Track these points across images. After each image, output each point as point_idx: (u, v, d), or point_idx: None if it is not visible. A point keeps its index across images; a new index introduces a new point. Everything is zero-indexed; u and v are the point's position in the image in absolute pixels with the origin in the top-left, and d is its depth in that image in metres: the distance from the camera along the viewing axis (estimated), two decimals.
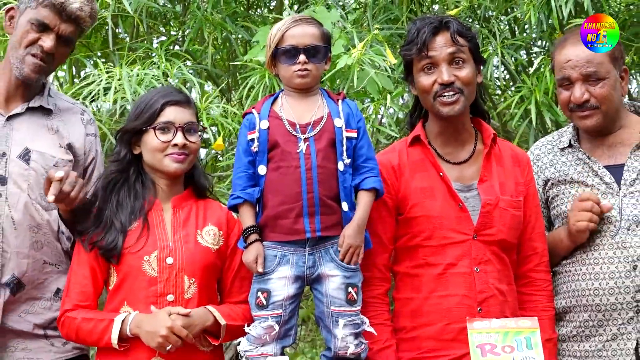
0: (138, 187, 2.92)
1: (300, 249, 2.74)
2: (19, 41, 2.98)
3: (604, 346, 2.93)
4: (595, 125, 2.99)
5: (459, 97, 2.88)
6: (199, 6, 4.20)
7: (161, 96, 2.93)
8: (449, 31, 2.88)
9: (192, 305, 2.83)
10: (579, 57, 2.97)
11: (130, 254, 2.84)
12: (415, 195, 2.92)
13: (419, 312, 2.90)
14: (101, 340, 2.78)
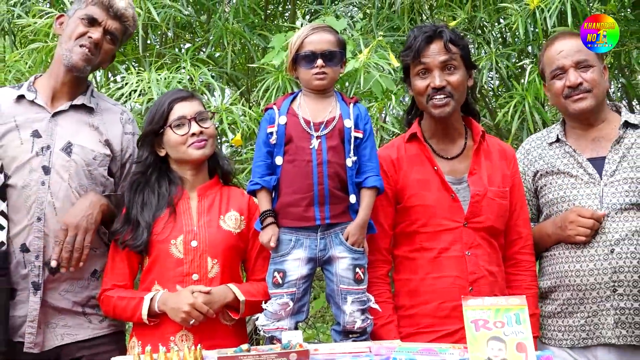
0: (163, 185, 2.94)
1: (312, 233, 2.76)
2: (69, 35, 3.02)
3: (585, 322, 2.94)
4: (588, 106, 3.00)
5: (449, 101, 2.90)
6: (220, 17, 4.21)
7: (167, 97, 2.96)
8: (442, 40, 2.89)
9: (215, 283, 2.86)
10: (569, 47, 3.00)
11: (159, 240, 2.87)
12: (412, 187, 2.93)
13: (416, 291, 2.92)
14: (134, 316, 2.82)
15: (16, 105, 3.04)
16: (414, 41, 2.90)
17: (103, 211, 2.95)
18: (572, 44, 3.01)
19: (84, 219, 2.87)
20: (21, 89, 3.08)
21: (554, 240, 3.02)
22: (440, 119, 2.94)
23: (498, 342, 2.37)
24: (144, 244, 2.85)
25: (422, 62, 2.90)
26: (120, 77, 3.75)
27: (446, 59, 2.89)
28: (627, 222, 2.93)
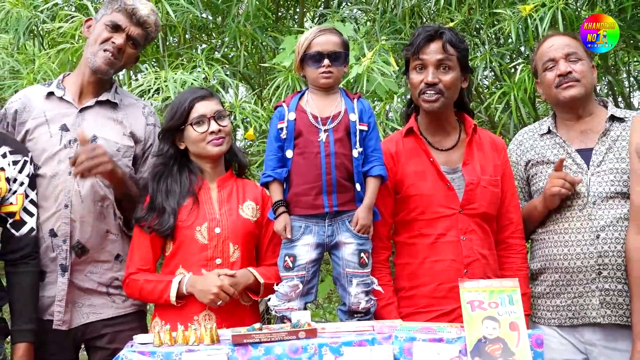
0: (184, 175, 2.94)
1: (321, 221, 2.76)
2: (94, 39, 3.02)
3: (572, 302, 2.94)
4: (577, 94, 2.99)
5: (438, 97, 2.90)
6: (234, 19, 4.20)
7: (188, 96, 2.95)
8: (442, 40, 2.88)
9: (236, 267, 2.87)
10: (560, 42, 3.01)
11: (184, 227, 2.87)
12: (410, 177, 2.94)
13: (415, 274, 2.93)
14: (161, 298, 2.83)
15: (46, 101, 3.05)
16: (416, 38, 2.91)
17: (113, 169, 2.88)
18: (563, 40, 3.02)
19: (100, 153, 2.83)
20: (51, 86, 3.09)
21: (541, 212, 3.02)
22: (430, 112, 2.95)
23: (492, 321, 2.38)
24: (171, 228, 2.86)
25: (420, 58, 2.90)
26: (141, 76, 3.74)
27: (442, 59, 2.88)
28: (612, 209, 2.92)
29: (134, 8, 3.00)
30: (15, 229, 2.85)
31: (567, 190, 2.91)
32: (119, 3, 3.01)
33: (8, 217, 2.84)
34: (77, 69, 3.16)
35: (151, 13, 3.06)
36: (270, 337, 2.43)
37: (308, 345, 2.40)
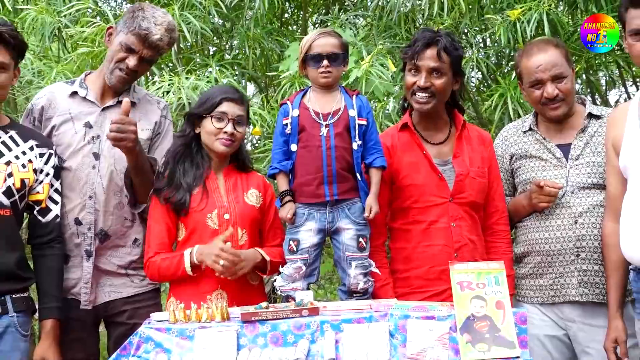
0: (199, 158, 2.94)
1: (322, 208, 2.76)
2: (111, 57, 3.01)
3: (553, 282, 2.95)
4: (562, 113, 2.99)
5: (429, 99, 2.90)
6: (243, 24, 4.19)
7: (221, 92, 2.93)
8: (438, 47, 2.86)
9: (244, 249, 2.87)
10: (546, 62, 2.94)
11: (196, 212, 2.87)
12: (405, 169, 2.94)
13: (409, 258, 2.93)
14: (178, 271, 2.81)
15: (70, 99, 3.05)
16: (414, 44, 2.90)
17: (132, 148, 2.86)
18: (549, 59, 2.95)
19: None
20: (74, 85, 3.09)
21: (528, 210, 3.01)
22: (421, 112, 2.95)
23: (480, 300, 2.39)
24: (185, 200, 2.85)
25: (415, 64, 2.89)
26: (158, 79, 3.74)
27: (435, 66, 2.87)
28: (589, 198, 2.93)
29: (147, 33, 2.94)
30: (42, 215, 2.85)
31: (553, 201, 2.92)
32: (135, 25, 2.94)
33: (35, 205, 2.83)
34: (99, 70, 3.14)
35: (164, 35, 2.98)
36: (276, 314, 2.44)
37: (311, 323, 2.41)
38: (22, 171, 2.75)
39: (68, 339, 2.89)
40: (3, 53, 2.67)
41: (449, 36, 2.94)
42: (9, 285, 2.67)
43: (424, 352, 2.31)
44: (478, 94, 4.53)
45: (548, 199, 2.90)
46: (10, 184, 2.70)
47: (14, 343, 2.68)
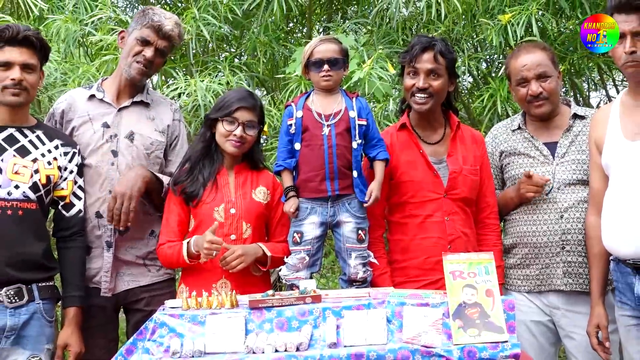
0: (215, 157, 2.94)
1: (324, 203, 2.76)
2: (128, 52, 3.01)
3: (539, 272, 2.94)
4: (546, 111, 2.99)
5: (428, 100, 2.89)
6: (253, 31, 4.18)
7: (236, 100, 2.89)
8: (434, 51, 2.86)
9: (248, 242, 2.87)
10: (532, 61, 2.95)
11: (205, 205, 2.87)
12: (403, 166, 2.93)
13: (406, 249, 2.93)
14: (179, 258, 2.82)
15: (88, 102, 3.06)
16: (412, 48, 2.89)
17: (146, 182, 2.91)
18: (534, 59, 2.95)
19: (129, 189, 2.84)
20: (92, 89, 3.09)
21: (516, 202, 3.00)
22: (420, 113, 2.94)
23: (471, 288, 2.38)
24: (199, 192, 2.85)
25: (414, 67, 2.88)
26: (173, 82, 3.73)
27: (432, 68, 2.86)
28: (574, 193, 2.92)
29: (160, 24, 2.97)
30: (66, 210, 2.85)
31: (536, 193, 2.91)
32: (147, 19, 2.98)
33: (60, 200, 2.84)
34: (114, 74, 3.15)
35: (175, 26, 3.03)
36: (282, 302, 2.43)
37: (313, 309, 2.40)
38: (47, 168, 2.75)
39: (90, 325, 2.90)
40: (31, 55, 2.68)
41: (443, 41, 2.93)
42: (36, 274, 2.68)
43: (418, 336, 2.30)
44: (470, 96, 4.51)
45: (535, 189, 2.89)
46: (36, 180, 2.71)
47: (40, 328, 2.69)
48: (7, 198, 2.64)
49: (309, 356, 2.25)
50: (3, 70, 2.64)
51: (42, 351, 2.70)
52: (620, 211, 2.54)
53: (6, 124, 2.73)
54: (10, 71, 2.64)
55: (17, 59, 2.64)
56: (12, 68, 2.64)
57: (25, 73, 2.66)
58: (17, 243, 2.62)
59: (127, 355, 2.40)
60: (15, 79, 2.63)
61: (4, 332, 2.60)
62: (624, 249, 2.53)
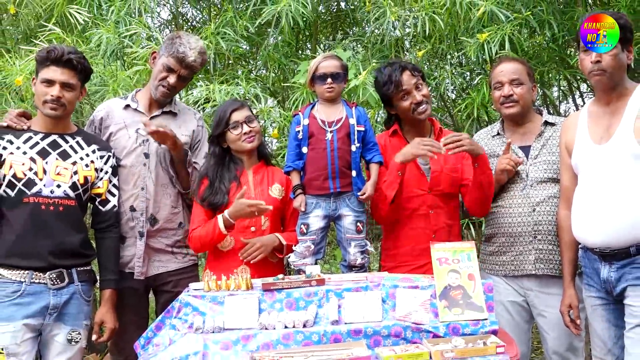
0: (231, 166, 2.91)
1: (327, 199, 2.73)
2: (155, 76, 3.00)
3: (514, 258, 2.92)
4: (514, 112, 2.95)
5: (427, 107, 2.89)
6: (265, 48, 4.16)
7: (226, 108, 2.90)
8: (408, 69, 2.87)
9: (266, 233, 2.86)
10: (508, 69, 2.94)
11: (230, 202, 2.82)
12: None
13: (397, 238, 2.91)
14: (215, 233, 2.76)
15: (124, 111, 3.05)
16: (390, 77, 2.86)
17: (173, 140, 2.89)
18: (510, 67, 2.94)
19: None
20: (127, 100, 3.08)
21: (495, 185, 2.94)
22: (422, 121, 2.93)
23: (455, 273, 2.37)
24: (224, 202, 2.82)
25: (402, 89, 2.86)
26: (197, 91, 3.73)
27: (416, 82, 2.87)
28: (545, 190, 2.89)
29: (184, 56, 2.94)
30: (102, 205, 2.84)
31: (512, 167, 2.87)
32: (173, 49, 2.95)
33: (96, 197, 2.83)
34: (147, 87, 3.13)
35: (197, 57, 2.97)
36: (290, 284, 2.42)
37: (318, 291, 2.39)
38: (85, 170, 2.74)
39: (124, 304, 2.90)
40: (71, 75, 2.67)
41: (405, 62, 2.95)
42: (75, 260, 2.67)
43: (409, 314, 2.29)
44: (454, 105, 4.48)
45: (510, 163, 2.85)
46: (75, 180, 2.70)
47: (79, 306, 2.68)
48: (50, 196, 2.63)
49: (314, 332, 2.24)
50: (46, 86, 2.64)
51: (81, 326, 2.70)
52: (588, 206, 2.51)
53: (50, 131, 2.73)
54: (51, 88, 2.63)
55: (58, 77, 2.63)
56: (53, 85, 2.63)
57: (65, 91, 2.65)
58: (58, 234, 2.62)
59: (157, 331, 2.40)
60: (54, 95, 2.63)
61: (47, 309, 2.60)
62: (592, 239, 2.50)
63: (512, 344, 2.19)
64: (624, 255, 2.42)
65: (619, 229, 2.40)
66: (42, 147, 2.68)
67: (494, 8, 3.41)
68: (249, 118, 2.89)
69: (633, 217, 2.38)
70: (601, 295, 2.55)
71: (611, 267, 2.47)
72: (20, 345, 2.53)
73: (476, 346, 2.13)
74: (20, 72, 3.63)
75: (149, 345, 2.36)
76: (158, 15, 4.85)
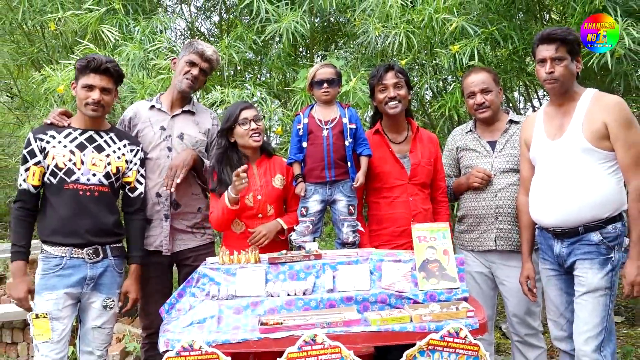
0: (236, 159, 2.83)
1: (324, 186, 2.72)
2: (179, 71, 2.97)
3: (479, 236, 2.92)
4: (487, 116, 2.94)
5: (397, 104, 2.86)
6: (269, 58, 4.12)
7: (237, 106, 2.85)
8: (394, 70, 2.86)
9: (271, 218, 2.82)
10: (478, 80, 2.91)
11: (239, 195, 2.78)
12: (377, 161, 2.87)
13: (381, 221, 2.89)
14: (224, 207, 2.71)
15: (150, 111, 3.00)
16: (377, 72, 2.87)
17: (194, 159, 2.88)
18: (480, 78, 2.92)
19: (181, 162, 2.82)
20: (152, 102, 3.04)
21: (466, 187, 2.96)
22: (393, 116, 2.89)
23: (432, 249, 2.36)
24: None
25: (382, 83, 2.85)
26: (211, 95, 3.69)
27: (396, 81, 2.84)
28: (506, 178, 2.88)
29: (203, 51, 2.95)
30: (131, 192, 2.80)
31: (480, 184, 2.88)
32: (193, 47, 2.96)
33: (126, 185, 2.79)
34: (168, 90, 3.09)
35: (214, 53, 3.01)
36: (292, 258, 2.41)
37: (316, 264, 2.38)
38: (117, 161, 2.70)
39: (151, 276, 2.88)
40: (108, 81, 2.64)
41: (396, 65, 2.91)
42: (108, 238, 2.64)
43: (393, 284, 2.29)
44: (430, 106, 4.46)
45: (480, 181, 2.87)
46: (108, 170, 2.66)
47: (112, 278, 2.66)
48: (87, 183, 2.60)
49: (312, 299, 2.24)
50: (87, 90, 2.61)
51: (114, 295, 2.68)
52: (544, 192, 2.51)
53: (87, 128, 2.69)
54: (92, 92, 2.60)
55: (98, 83, 2.60)
56: (93, 90, 2.60)
57: (103, 94, 2.62)
58: (94, 216, 2.59)
59: (179, 298, 2.39)
60: (95, 99, 2.60)
61: (85, 280, 2.58)
62: (546, 220, 2.50)
63: (480, 309, 2.18)
64: (573, 233, 2.42)
65: (569, 212, 2.40)
66: (80, 142, 2.64)
67: (465, 24, 3.39)
68: (257, 117, 2.84)
69: (581, 202, 2.38)
70: (554, 267, 2.55)
71: (562, 244, 2.47)
72: (61, 311, 2.52)
73: (450, 311, 2.12)
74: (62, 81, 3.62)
75: (172, 310, 2.35)
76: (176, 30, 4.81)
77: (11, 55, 4.49)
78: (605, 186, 2.36)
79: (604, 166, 2.36)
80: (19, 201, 2.59)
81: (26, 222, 2.58)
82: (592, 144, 2.36)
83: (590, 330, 2.35)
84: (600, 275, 2.36)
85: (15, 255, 2.55)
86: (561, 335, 2.57)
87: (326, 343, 1.98)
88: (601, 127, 2.35)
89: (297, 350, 1.98)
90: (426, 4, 3.48)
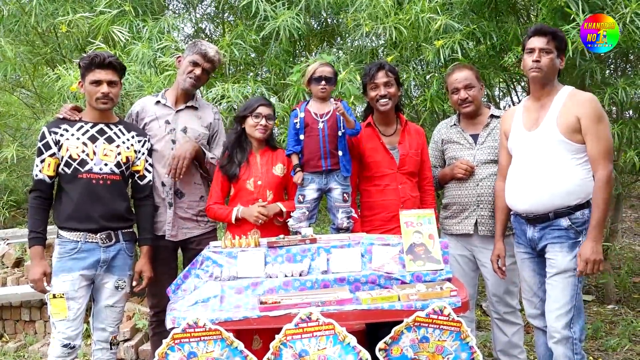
0: (245, 144, 2.87)
1: (320, 175, 2.71)
2: (183, 70, 2.94)
3: (461, 222, 2.93)
4: (471, 111, 2.93)
5: (388, 102, 2.84)
6: (268, 55, 4.09)
7: (257, 100, 2.87)
8: (385, 69, 2.83)
9: (270, 203, 2.82)
10: (461, 77, 2.90)
11: (241, 179, 2.81)
12: (368, 151, 2.87)
13: (372, 207, 2.88)
14: (227, 218, 2.78)
15: (155, 106, 2.97)
16: (370, 70, 2.85)
17: (195, 150, 2.86)
18: (463, 75, 2.90)
19: (183, 152, 2.81)
20: (158, 97, 3.01)
21: (450, 177, 2.96)
22: (383, 112, 2.88)
23: (419, 233, 2.36)
24: (236, 172, 2.80)
25: (374, 82, 2.83)
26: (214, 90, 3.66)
27: (387, 80, 2.82)
28: (488, 169, 2.88)
29: (206, 52, 2.91)
30: (140, 180, 2.78)
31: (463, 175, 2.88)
32: (197, 48, 2.92)
33: (136, 173, 2.77)
34: (173, 86, 3.06)
35: (216, 54, 2.97)
36: (289, 242, 2.41)
37: (311, 248, 2.38)
38: (126, 151, 2.68)
39: (158, 259, 2.86)
40: (113, 74, 2.61)
41: (387, 64, 2.89)
42: (120, 223, 2.64)
43: (383, 266, 2.29)
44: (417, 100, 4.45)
45: (463, 172, 2.87)
46: (119, 160, 2.65)
47: (124, 260, 2.65)
48: (99, 172, 2.59)
49: (308, 279, 2.24)
50: (95, 85, 2.58)
51: (126, 276, 2.67)
52: (519, 180, 2.52)
53: (98, 121, 2.67)
54: (100, 87, 2.58)
55: (104, 78, 2.58)
56: (101, 84, 2.58)
57: (110, 87, 2.60)
58: (107, 203, 2.58)
59: (184, 279, 2.38)
60: (104, 92, 2.58)
61: (99, 263, 2.57)
62: (520, 206, 2.51)
63: (463, 288, 2.20)
64: (545, 219, 2.43)
65: (541, 199, 2.41)
66: (91, 134, 2.62)
67: (449, 21, 3.36)
68: (269, 116, 2.84)
69: (552, 189, 2.39)
70: (528, 250, 2.57)
71: (535, 229, 2.48)
72: (77, 291, 2.52)
73: (434, 290, 2.13)
74: (75, 80, 3.59)
75: (178, 290, 2.35)
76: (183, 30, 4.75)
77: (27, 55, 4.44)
78: (575, 176, 2.37)
79: (575, 157, 2.37)
80: (35, 190, 2.57)
81: (42, 209, 2.57)
82: (565, 137, 2.37)
83: (560, 308, 2.37)
84: (569, 258, 2.37)
85: (32, 241, 2.54)
86: (535, 313, 2.59)
87: (321, 320, 1.99)
88: (574, 121, 2.35)
89: (293, 327, 1.99)
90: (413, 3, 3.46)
